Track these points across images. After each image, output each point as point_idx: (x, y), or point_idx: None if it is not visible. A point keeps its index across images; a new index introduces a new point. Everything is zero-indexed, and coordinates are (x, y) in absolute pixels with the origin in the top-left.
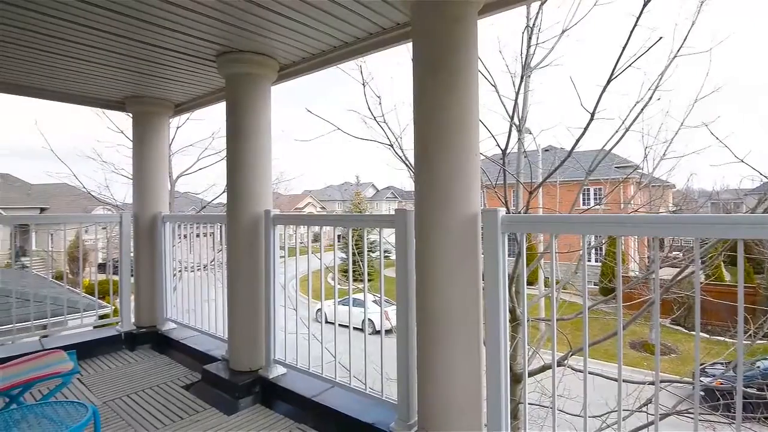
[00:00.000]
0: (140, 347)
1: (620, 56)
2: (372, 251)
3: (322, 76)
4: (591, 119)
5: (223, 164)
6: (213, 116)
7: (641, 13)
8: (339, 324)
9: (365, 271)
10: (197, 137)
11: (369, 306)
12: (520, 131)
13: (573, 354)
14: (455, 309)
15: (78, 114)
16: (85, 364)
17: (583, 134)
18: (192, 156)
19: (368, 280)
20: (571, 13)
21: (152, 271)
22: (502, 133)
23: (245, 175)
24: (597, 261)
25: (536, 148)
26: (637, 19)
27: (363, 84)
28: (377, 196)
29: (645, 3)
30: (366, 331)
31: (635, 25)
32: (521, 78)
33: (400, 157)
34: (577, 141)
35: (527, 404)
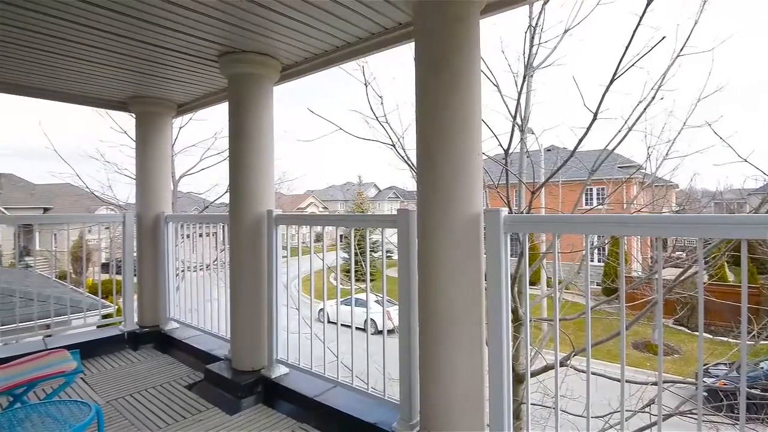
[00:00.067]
0: (143, 347)
1: (623, 56)
2: (374, 251)
3: (324, 77)
4: (594, 119)
5: (226, 164)
6: (216, 116)
7: (644, 13)
8: (341, 324)
9: (367, 271)
10: (200, 137)
11: (371, 306)
12: (523, 131)
13: (575, 354)
14: (457, 309)
15: (81, 114)
16: (89, 364)
17: (586, 134)
18: (195, 156)
19: (370, 280)
20: (574, 13)
21: (155, 271)
22: (505, 133)
23: (248, 175)
24: (600, 261)
25: (539, 148)
26: (641, 19)
27: (365, 84)
28: (379, 196)
29: (648, 2)
30: (368, 331)
31: (638, 25)
32: (524, 78)
33: (403, 157)
34: (580, 141)
35: (530, 404)
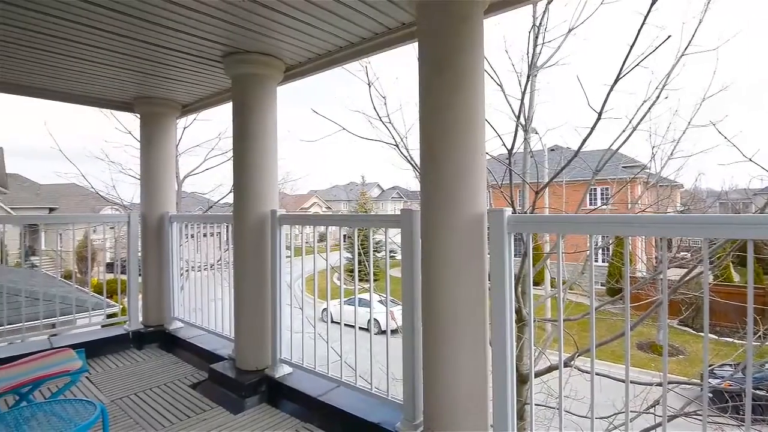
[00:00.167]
0: (147, 346)
1: (627, 55)
2: (378, 251)
3: (328, 77)
4: (598, 118)
5: (230, 164)
6: (220, 117)
7: (649, 12)
8: (345, 324)
9: (371, 271)
10: (204, 138)
11: (375, 306)
12: (527, 131)
13: (580, 355)
14: (461, 309)
15: (86, 115)
16: (94, 363)
17: (590, 134)
18: (199, 156)
19: (374, 280)
20: (578, 12)
21: (159, 271)
22: (508, 133)
23: (251, 175)
24: (604, 261)
25: (542, 148)
26: (645, 18)
27: (368, 84)
28: (383, 196)
29: (653, 1)
30: (372, 331)
31: (643, 24)
32: (527, 77)
33: (406, 157)
34: (584, 140)
35: (533, 405)
